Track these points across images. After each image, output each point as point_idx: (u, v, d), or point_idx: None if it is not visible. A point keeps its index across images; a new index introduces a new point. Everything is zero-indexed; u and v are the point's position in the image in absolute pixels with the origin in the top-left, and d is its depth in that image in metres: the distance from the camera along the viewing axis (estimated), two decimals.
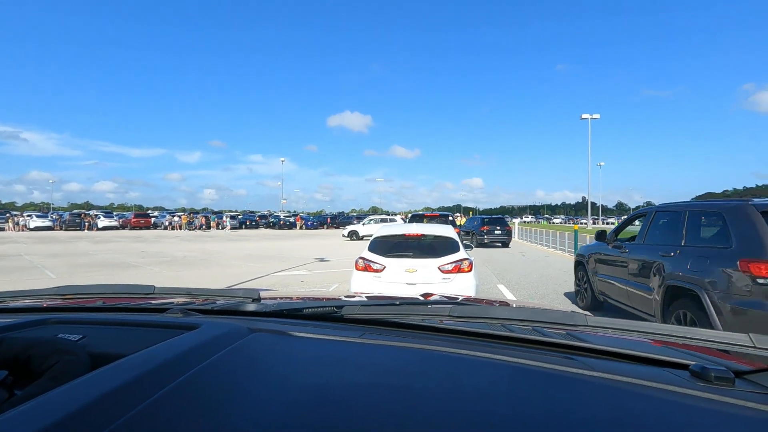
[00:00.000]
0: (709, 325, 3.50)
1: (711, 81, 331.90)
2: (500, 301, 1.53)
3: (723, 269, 3.41)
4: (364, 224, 27.27)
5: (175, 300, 1.19)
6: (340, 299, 1.37)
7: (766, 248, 3.16)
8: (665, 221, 4.73)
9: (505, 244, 18.99)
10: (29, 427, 0.42)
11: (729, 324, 3.33)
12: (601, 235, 6.07)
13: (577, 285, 6.98)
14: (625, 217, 6.57)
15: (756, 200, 3.61)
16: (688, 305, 3.80)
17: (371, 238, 5.61)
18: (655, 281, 4.32)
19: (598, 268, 6.06)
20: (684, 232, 4.19)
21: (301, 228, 45.39)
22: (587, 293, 6.48)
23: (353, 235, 26.71)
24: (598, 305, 6.26)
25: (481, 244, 18.70)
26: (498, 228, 18.60)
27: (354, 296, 1.61)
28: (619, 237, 5.82)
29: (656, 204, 4.79)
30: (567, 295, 7.83)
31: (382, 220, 27.34)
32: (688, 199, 5.77)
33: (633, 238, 5.42)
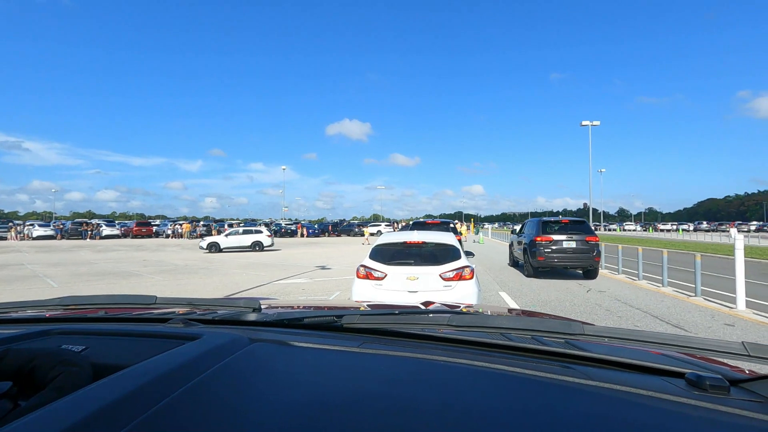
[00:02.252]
0: (527, 260, 11.45)
1: (707, 88, 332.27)
2: (500, 309, 1.53)
3: (531, 240, 11.23)
4: (227, 235, 23.59)
5: (177, 310, 1.20)
6: (340, 308, 1.37)
7: (539, 233, 11.05)
8: (527, 223, 12.62)
9: None
10: None
11: (530, 254, 11.22)
12: (514, 231, 14.52)
13: (509, 257, 15.24)
14: (523, 223, 13.67)
15: (545, 218, 11.88)
16: (527, 253, 11.35)
17: (373, 246, 5.59)
18: (522, 245, 12.01)
19: (513, 246, 13.94)
20: (530, 227, 11.97)
21: (302, 236, 45.29)
22: (511, 260, 14.62)
23: (213, 248, 22.57)
24: (515, 264, 13.81)
25: None
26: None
27: (355, 305, 1.62)
28: (521, 232, 13.05)
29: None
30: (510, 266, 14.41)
31: (246, 231, 24.17)
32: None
33: (522, 232, 12.90)
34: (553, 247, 10.76)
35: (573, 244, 10.72)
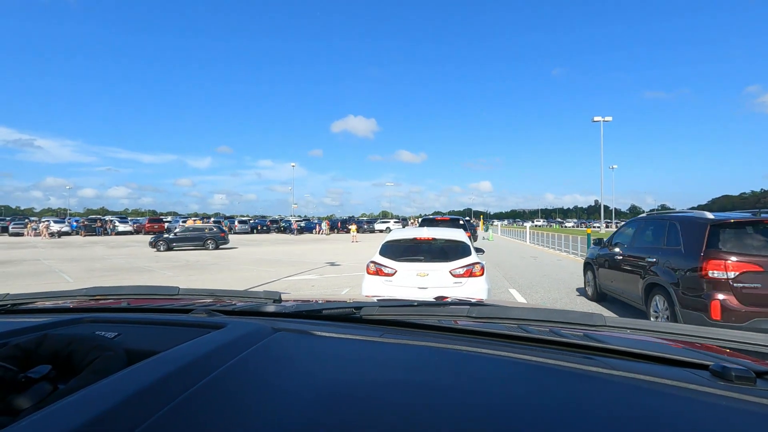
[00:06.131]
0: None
1: (715, 83, 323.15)
2: (514, 304, 1.54)
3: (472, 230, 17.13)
4: None
5: (199, 301, 1.23)
6: (357, 301, 1.39)
7: (474, 231, 20.01)
8: (450, 219, 15.00)
9: None
10: (77, 419, 0.45)
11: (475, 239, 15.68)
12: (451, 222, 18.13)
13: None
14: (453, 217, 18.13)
15: (463, 219, 15.76)
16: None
17: (383, 242, 5.60)
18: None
19: None
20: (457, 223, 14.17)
21: (318, 232, 45.07)
22: None
23: None
24: None
25: None
26: None
27: (368, 299, 1.63)
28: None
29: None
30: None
31: None
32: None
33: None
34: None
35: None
